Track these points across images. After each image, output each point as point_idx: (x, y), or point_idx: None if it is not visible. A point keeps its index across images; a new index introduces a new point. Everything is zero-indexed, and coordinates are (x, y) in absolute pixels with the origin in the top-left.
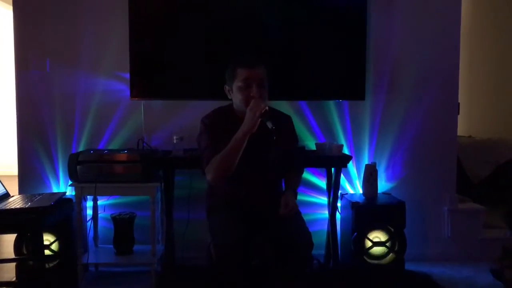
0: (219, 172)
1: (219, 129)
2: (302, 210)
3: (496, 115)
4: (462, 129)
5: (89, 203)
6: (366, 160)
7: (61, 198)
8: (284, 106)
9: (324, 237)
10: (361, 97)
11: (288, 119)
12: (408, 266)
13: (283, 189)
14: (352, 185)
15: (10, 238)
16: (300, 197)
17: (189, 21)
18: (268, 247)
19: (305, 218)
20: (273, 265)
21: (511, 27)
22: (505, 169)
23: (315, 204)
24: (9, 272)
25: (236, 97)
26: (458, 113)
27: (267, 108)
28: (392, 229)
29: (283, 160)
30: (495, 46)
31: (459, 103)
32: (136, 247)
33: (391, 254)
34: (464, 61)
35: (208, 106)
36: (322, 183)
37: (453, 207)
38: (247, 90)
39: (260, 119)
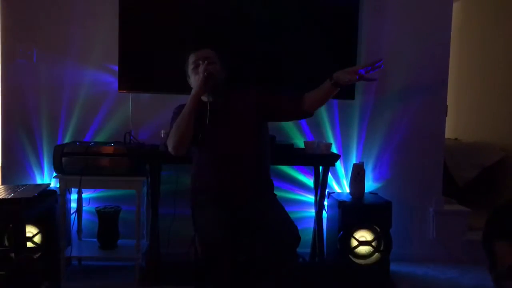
0: (174, 139)
1: None
2: (288, 208)
3: (482, 118)
4: (448, 131)
5: (74, 196)
6: (353, 160)
7: (45, 190)
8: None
9: (310, 235)
10: (351, 96)
11: (256, 89)
12: (393, 266)
13: (269, 180)
14: (339, 184)
15: None
16: (287, 195)
17: (180, 13)
18: (254, 242)
19: (292, 216)
20: (259, 260)
21: (499, 32)
22: (490, 172)
23: (302, 202)
24: None
25: (192, 81)
26: (446, 115)
27: (208, 66)
28: (378, 229)
29: (289, 107)
30: (483, 50)
31: (447, 105)
32: (120, 242)
33: (376, 253)
34: (453, 63)
35: None
36: (309, 181)
37: (438, 209)
38: (197, 69)
39: (205, 78)
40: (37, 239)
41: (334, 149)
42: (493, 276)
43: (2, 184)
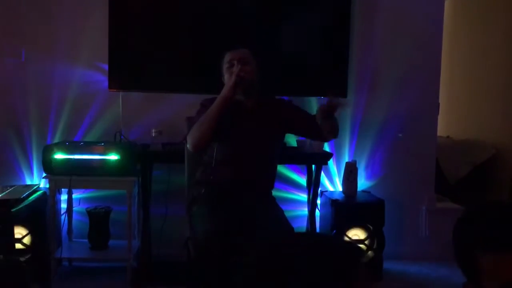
0: (195, 136)
1: None
2: (281, 206)
3: (473, 116)
4: (440, 129)
5: (64, 196)
6: (346, 158)
7: (34, 190)
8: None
9: None
10: (343, 94)
11: (287, 102)
12: (386, 264)
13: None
14: (332, 183)
15: None
16: (280, 193)
17: (171, 11)
18: (248, 243)
19: (285, 215)
20: (253, 262)
21: (490, 30)
22: (481, 170)
23: (295, 201)
24: None
25: (226, 80)
26: (438, 113)
27: (240, 72)
28: (371, 227)
29: (308, 128)
30: (474, 48)
31: (439, 103)
32: (111, 242)
33: (369, 251)
34: (445, 61)
35: (188, 99)
36: (302, 180)
37: (431, 206)
38: (232, 69)
39: (235, 83)
40: (26, 240)
41: (326, 148)
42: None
43: None
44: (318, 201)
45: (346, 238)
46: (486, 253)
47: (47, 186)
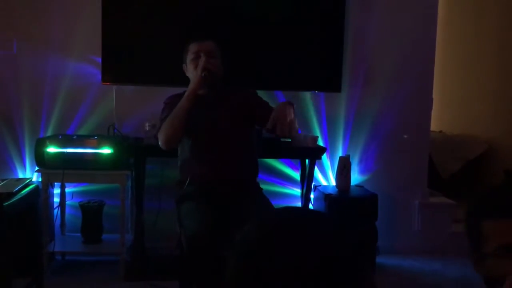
0: (166, 132)
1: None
2: (274, 201)
3: (466, 111)
4: (433, 124)
5: (57, 190)
6: (340, 153)
7: (27, 184)
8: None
9: None
10: (337, 89)
11: (252, 92)
12: (379, 258)
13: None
14: (326, 177)
15: None
16: (273, 188)
17: (164, 5)
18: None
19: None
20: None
21: (483, 25)
22: (474, 165)
23: (289, 196)
24: None
25: (189, 71)
26: (431, 108)
27: (207, 64)
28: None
29: (265, 113)
30: (467, 43)
31: (432, 98)
32: (104, 236)
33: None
34: (438, 57)
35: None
36: (296, 174)
37: (424, 201)
38: (197, 60)
39: (204, 74)
40: (19, 234)
41: (320, 142)
42: (475, 257)
43: None
44: (312, 196)
45: None
46: (488, 220)
47: (40, 179)
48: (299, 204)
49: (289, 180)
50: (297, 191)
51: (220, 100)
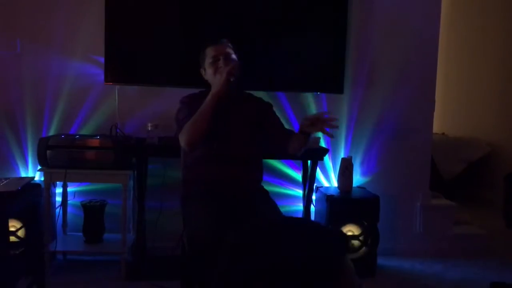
0: (191, 133)
1: (198, 106)
2: (277, 202)
3: (469, 113)
4: (436, 126)
5: (59, 189)
6: (342, 154)
7: (29, 183)
8: (262, 97)
9: None
10: (339, 90)
11: (269, 106)
12: (380, 260)
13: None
14: (328, 178)
15: None
16: (275, 189)
17: (167, 5)
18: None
19: (280, 210)
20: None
21: (487, 27)
22: (476, 167)
23: (290, 197)
24: None
25: (209, 74)
26: (434, 110)
27: (234, 67)
28: (366, 223)
29: (277, 138)
30: (470, 45)
31: (435, 100)
32: (106, 236)
33: (364, 247)
34: (441, 59)
35: (184, 93)
36: (297, 175)
37: (426, 203)
38: (216, 63)
39: (232, 79)
40: (20, 233)
41: (322, 143)
42: (506, 209)
43: None
44: (313, 197)
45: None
46: None
47: (42, 179)
48: (301, 205)
49: (291, 181)
50: (299, 192)
51: (239, 105)
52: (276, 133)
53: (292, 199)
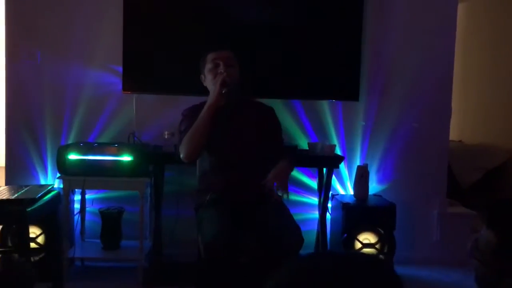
0: (189, 146)
1: (197, 118)
2: (292, 210)
3: (486, 121)
4: (453, 133)
5: (77, 197)
6: (357, 162)
7: (48, 190)
8: (277, 105)
9: (314, 237)
10: (355, 98)
11: (270, 110)
12: (397, 268)
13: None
14: (343, 186)
15: None
16: (291, 196)
17: (185, 15)
18: (256, 243)
19: (295, 218)
20: (261, 261)
21: (505, 33)
22: (493, 175)
23: (306, 204)
24: None
25: (208, 80)
26: (450, 117)
27: (226, 78)
28: (382, 231)
29: (270, 152)
30: (488, 52)
31: (451, 107)
32: (123, 243)
33: (380, 256)
34: (458, 66)
35: (201, 102)
36: (313, 183)
37: (443, 211)
38: (215, 69)
39: (224, 91)
40: (40, 239)
41: (338, 151)
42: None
43: (5, 184)
44: (329, 205)
45: (358, 242)
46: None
47: (61, 186)
48: (316, 213)
49: (306, 188)
50: (314, 200)
51: (239, 111)
52: (273, 146)
53: (308, 207)
